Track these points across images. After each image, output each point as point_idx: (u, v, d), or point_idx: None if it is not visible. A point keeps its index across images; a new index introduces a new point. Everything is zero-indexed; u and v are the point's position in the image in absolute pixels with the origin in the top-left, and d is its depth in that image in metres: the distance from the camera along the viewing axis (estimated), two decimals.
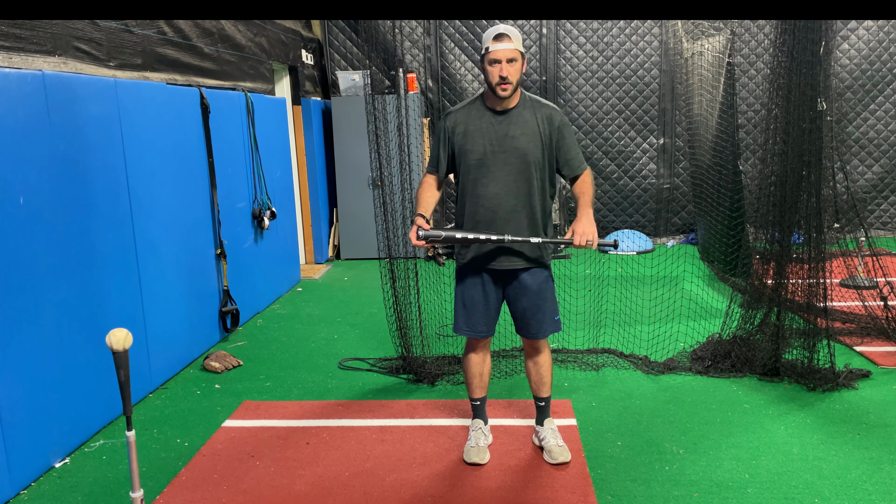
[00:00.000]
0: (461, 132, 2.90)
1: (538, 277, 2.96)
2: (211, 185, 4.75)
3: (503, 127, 2.85)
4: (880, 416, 3.42)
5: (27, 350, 3.02)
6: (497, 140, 2.85)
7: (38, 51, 3.31)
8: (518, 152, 2.84)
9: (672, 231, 8.15)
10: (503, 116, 2.86)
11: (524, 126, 2.85)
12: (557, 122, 2.89)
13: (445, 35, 7.83)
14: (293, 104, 7.11)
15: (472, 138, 2.88)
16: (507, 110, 2.87)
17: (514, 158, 2.84)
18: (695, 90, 6.15)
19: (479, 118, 2.89)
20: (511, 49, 2.74)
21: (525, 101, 2.89)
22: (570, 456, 3.05)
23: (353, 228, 7.57)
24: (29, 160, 3.04)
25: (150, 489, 2.93)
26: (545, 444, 3.11)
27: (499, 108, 2.87)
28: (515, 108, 2.87)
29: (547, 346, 3.11)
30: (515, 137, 2.84)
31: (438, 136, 2.99)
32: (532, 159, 2.85)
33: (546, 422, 3.19)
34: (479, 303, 2.98)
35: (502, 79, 2.75)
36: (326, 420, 3.55)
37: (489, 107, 2.89)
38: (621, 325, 4.86)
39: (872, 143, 7.85)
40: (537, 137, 2.85)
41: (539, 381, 3.13)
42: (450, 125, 2.94)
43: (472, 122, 2.89)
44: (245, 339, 4.97)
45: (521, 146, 2.84)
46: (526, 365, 3.16)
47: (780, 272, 3.90)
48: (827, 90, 3.62)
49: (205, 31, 5.02)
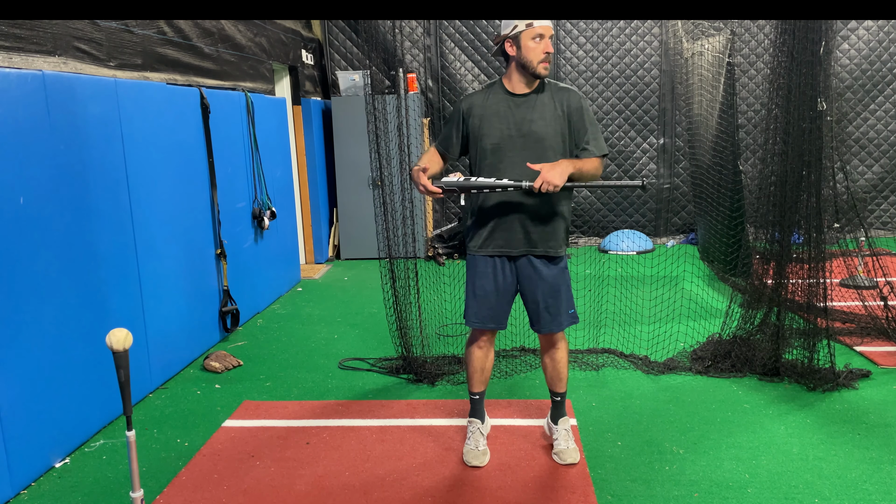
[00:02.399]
0: (478, 115, 2.83)
1: (553, 268, 2.90)
2: (211, 184, 4.75)
3: (521, 111, 2.78)
4: (880, 416, 3.42)
5: (27, 350, 3.02)
6: (515, 124, 2.78)
7: (38, 51, 3.31)
8: (535, 136, 2.76)
9: (672, 231, 8.15)
10: (523, 100, 2.79)
11: (543, 110, 2.77)
12: (576, 105, 2.81)
13: (445, 35, 7.83)
14: (293, 104, 7.11)
15: (488, 122, 2.80)
16: (527, 94, 2.79)
17: (533, 143, 2.76)
18: (695, 90, 6.15)
19: (497, 102, 2.81)
20: (551, 25, 2.69)
21: (544, 85, 2.82)
22: (578, 458, 3.03)
23: (353, 228, 7.57)
24: (29, 160, 3.04)
25: (150, 489, 2.93)
26: (556, 444, 3.08)
27: (519, 92, 2.79)
28: (535, 91, 2.80)
29: (564, 341, 3.06)
30: (534, 121, 2.77)
31: (452, 117, 2.91)
32: (550, 144, 2.77)
33: (561, 421, 3.14)
34: (491, 294, 2.93)
35: (547, 55, 2.68)
36: (326, 420, 3.55)
37: (509, 90, 2.81)
38: (621, 325, 4.86)
39: (872, 143, 7.85)
40: (556, 122, 2.78)
41: (555, 377, 3.09)
42: (465, 108, 2.87)
43: (489, 106, 2.82)
44: (245, 339, 4.97)
45: (538, 130, 2.76)
46: (542, 360, 3.11)
47: (780, 272, 3.90)
48: (827, 90, 3.62)
49: (205, 31, 5.02)
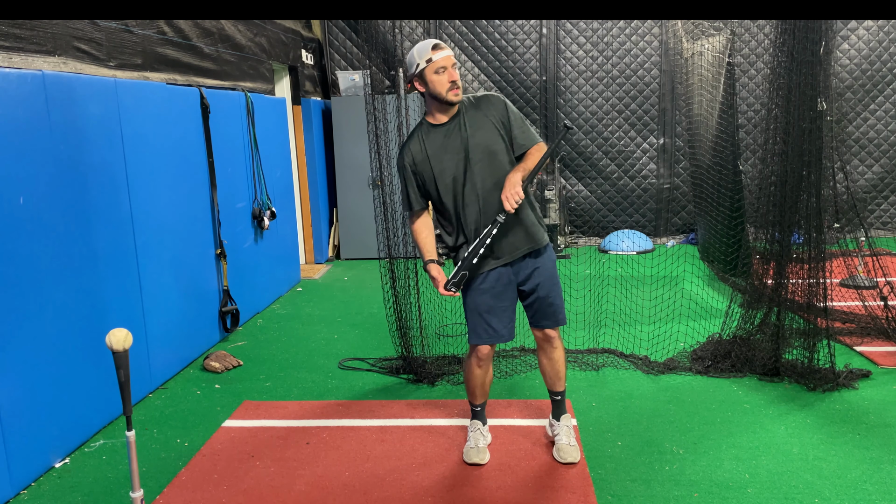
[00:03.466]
0: (422, 160, 2.86)
1: (547, 261, 2.95)
2: (211, 184, 4.75)
3: (456, 133, 2.83)
4: (880, 416, 3.42)
5: (27, 350, 3.02)
6: (456, 148, 2.82)
7: (38, 51, 3.31)
8: (480, 148, 2.81)
9: (672, 231, 8.15)
10: (452, 125, 2.84)
11: (475, 123, 2.83)
12: (501, 106, 2.87)
13: (445, 35, 7.83)
14: (293, 104, 7.11)
15: (437, 160, 2.84)
16: (453, 118, 2.85)
17: (479, 155, 2.81)
18: (695, 90, 6.15)
19: (433, 140, 2.85)
20: (450, 55, 2.77)
21: (464, 104, 2.88)
22: (578, 457, 3.03)
23: (353, 228, 7.57)
24: (29, 160, 3.04)
25: (150, 489, 2.93)
26: (557, 441, 3.09)
27: (445, 121, 2.85)
28: (458, 112, 2.85)
29: (560, 339, 3.08)
30: (473, 136, 2.82)
31: (403, 177, 2.94)
32: (495, 149, 2.83)
33: (563, 418, 3.16)
34: (495, 307, 2.94)
35: (453, 83, 2.74)
36: (326, 420, 3.55)
37: (435, 124, 2.86)
38: (621, 325, 4.86)
39: (872, 143, 7.85)
40: (492, 127, 2.83)
41: (555, 376, 3.10)
42: (409, 162, 2.89)
43: (429, 147, 2.86)
44: (245, 339, 4.97)
45: (481, 141, 2.81)
46: (540, 361, 3.12)
47: (780, 272, 3.90)
48: (827, 90, 3.62)
49: (205, 31, 5.02)
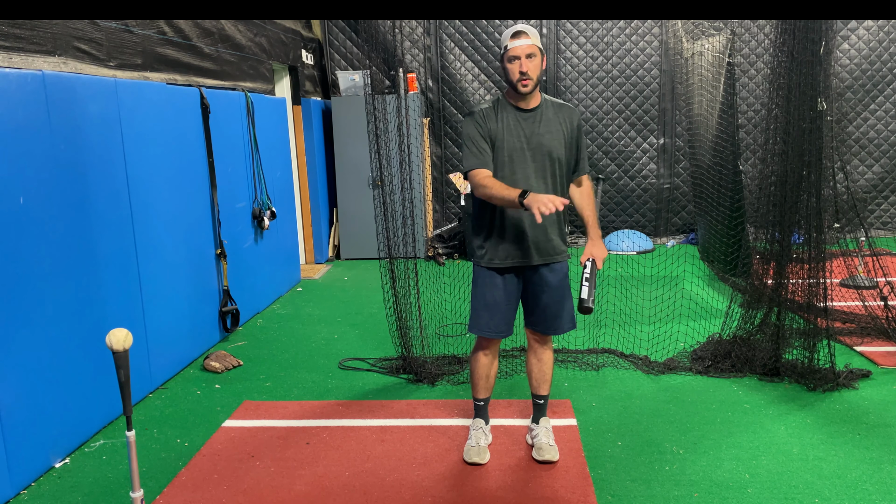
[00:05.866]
0: (494, 126, 2.88)
1: (559, 273, 2.97)
2: (211, 184, 4.75)
3: (530, 124, 2.88)
4: (880, 416, 3.42)
5: (27, 350, 3.01)
6: (526, 137, 2.87)
7: (38, 51, 3.31)
8: (544, 149, 2.87)
9: (672, 231, 8.15)
10: (530, 114, 2.88)
11: (549, 125, 2.89)
12: (576, 122, 2.96)
13: (445, 35, 7.83)
14: (293, 104, 7.11)
15: (502, 134, 2.88)
16: (533, 109, 2.89)
17: (541, 155, 2.87)
18: (695, 90, 6.15)
19: (507, 115, 2.89)
20: (529, 45, 2.76)
21: (546, 102, 2.93)
22: (557, 456, 3.05)
23: (353, 228, 7.57)
24: (29, 160, 3.04)
25: (150, 489, 2.93)
26: (536, 441, 3.12)
27: (524, 107, 2.88)
28: (539, 107, 2.90)
29: (551, 343, 3.13)
30: (542, 135, 2.88)
31: (472, 130, 2.88)
32: (557, 156, 2.89)
33: (542, 420, 3.19)
34: (501, 303, 2.97)
35: (522, 74, 2.76)
36: (326, 420, 3.55)
37: (514, 104, 2.89)
38: (621, 325, 4.86)
39: (872, 143, 7.85)
40: (561, 136, 2.90)
41: (541, 379, 3.13)
42: (480, 119, 2.88)
43: (502, 118, 2.89)
44: (245, 339, 4.97)
45: (547, 143, 2.87)
46: (528, 361, 3.14)
47: (780, 272, 3.90)
48: (827, 90, 3.62)
49: (205, 31, 5.02)
